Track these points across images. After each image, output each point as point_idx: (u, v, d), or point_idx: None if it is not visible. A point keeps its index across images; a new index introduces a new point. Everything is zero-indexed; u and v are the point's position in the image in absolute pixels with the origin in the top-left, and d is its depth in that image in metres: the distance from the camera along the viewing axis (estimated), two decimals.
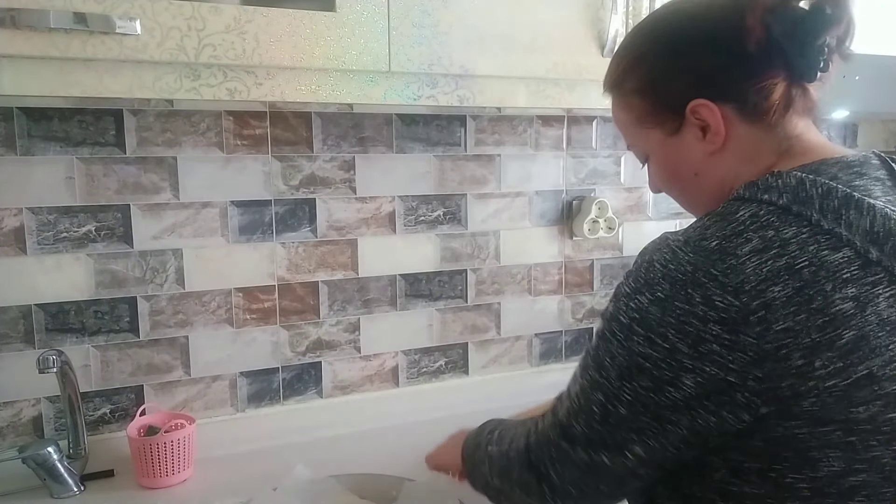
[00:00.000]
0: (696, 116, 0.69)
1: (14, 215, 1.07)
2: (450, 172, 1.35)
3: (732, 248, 0.59)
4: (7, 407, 1.10)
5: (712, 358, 0.58)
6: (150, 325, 1.17)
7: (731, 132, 0.69)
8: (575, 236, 1.47)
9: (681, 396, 0.59)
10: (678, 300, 0.59)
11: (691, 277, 0.59)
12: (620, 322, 0.63)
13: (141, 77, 0.86)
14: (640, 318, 0.61)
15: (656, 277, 0.61)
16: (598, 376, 0.65)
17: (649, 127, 0.74)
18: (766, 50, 0.65)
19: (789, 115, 0.68)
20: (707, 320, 0.58)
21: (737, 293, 0.57)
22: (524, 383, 1.45)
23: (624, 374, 0.62)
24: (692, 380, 0.59)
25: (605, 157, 1.48)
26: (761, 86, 0.67)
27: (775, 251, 0.58)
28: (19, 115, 1.06)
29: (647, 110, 0.73)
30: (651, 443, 0.62)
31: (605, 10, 1.06)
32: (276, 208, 1.23)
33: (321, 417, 1.28)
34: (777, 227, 0.59)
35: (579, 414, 0.66)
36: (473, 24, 0.99)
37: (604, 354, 0.64)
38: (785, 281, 0.57)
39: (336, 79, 0.96)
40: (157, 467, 1.06)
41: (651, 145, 0.75)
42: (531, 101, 1.09)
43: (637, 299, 0.62)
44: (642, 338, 0.61)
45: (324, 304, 1.28)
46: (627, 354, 0.62)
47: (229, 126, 1.18)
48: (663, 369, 0.60)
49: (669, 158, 0.74)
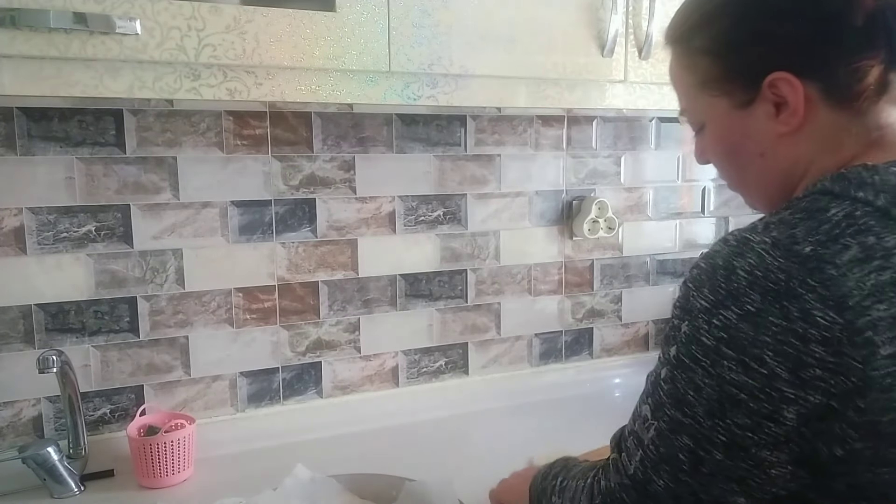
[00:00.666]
0: (773, 91, 0.60)
1: (14, 215, 1.07)
2: (450, 172, 1.35)
3: (830, 256, 0.51)
4: (7, 407, 1.10)
5: (816, 384, 0.50)
6: (150, 325, 1.17)
7: (811, 114, 0.60)
8: (575, 236, 1.47)
9: (782, 433, 0.51)
10: (773, 315, 0.50)
11: (786, 287, 0.50)
12: (704, 344, 0.53)
13: (141, 77, 0.86)
14: (728, 337, 0.52)
15: (742, 287, 0.52)
16: (680, 416, 0.54)
17: (714, 94, 0.64)
18: (871, 25, 0.57)
19: (882, 101, 0.60)
20: (808, 340, 0.49)
21: (840, 309, 0.49)
22: (524, 383, 1.45)
23: (715, 409, 0.52)
24: (794, 412, 0.50)
25: (605, 157, 1.48)
26: (856, 66, 0.58)
27: (878, 262, 0.51)
28: (19, 115, 1.06)
29: (715, 75, 0.64)
30: (755, 492, 0.53)
31: (605, 10, 1.06)
32: (276, 208, 1.23)
33: (321, 417, 1.28)
34: (878, 233, 0.52)
35: (660, 466, 0.55)
36: (473, 24, 0.99)
37: (685, 386, 0.54)
38: (890, 299, 0.50)
39: (336, 79, 0.96)
40: (157, 467, 1.06)
41: (712, 114, 0.66)
42: (531, 101, 1.09)
43: (722, 315, 0.52)
44: (734, 362, 0.51)
45: (324, 304, 1.29)
46: (717, 385, 0.52)
47: (229, 126, 1.18)
48: (762, 401, 0.51)
49: (732, 133, 0.65)
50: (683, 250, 1.59)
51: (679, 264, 1.58)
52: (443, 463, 1.12)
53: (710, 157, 0.70)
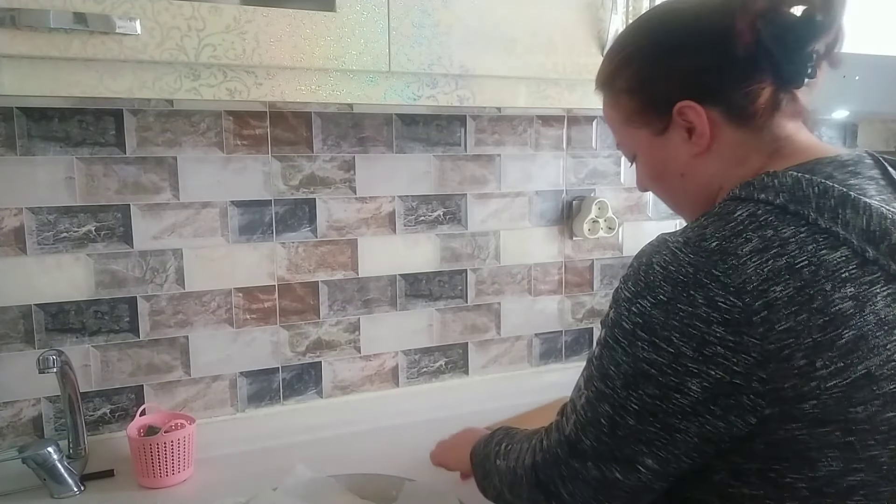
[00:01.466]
0: (682, 118, 0.69)
1: (14, 215, 1.07)
2: (450, 172, 1.35)
3: (733, 248, 0.58)
4: (7, 407, 1.10)
5: (717, 361, 0.57)
6: (150, 325, 1.17)
7: (717, 134, 0.69)
8: (575, 236, 1.47)
9: (688, 402, 0.58)
10: (681, 302, 0.58)
11: (693, 279, 0.58)
12: (623, 328, 0.62)
13: (141, 77, 0.86)
14: (643, 322, 0.60)
15: (657, 280, 0.60)
16: (603, 386, 0.63)
17: (637, 126, 0.74)
18: (755, 54, 0.65)
19: (777, 117, 0.68)
20: (710, 322, 0.57)
21: (739, 293, 0.56)
22: (524, 383, 1.45)
23: (630, 382, 0.61)
24: (698, 384, 0.58)
25: (605, 157, 1.48)
26: (748, 90, 0.67)
27: (775, 250, 0.58)
28: (19, 115, 1.06)
29: (635, 109, 0.73)
30: (662, 454, 0.61)
31: (605, 10, 1.06)
32: (276, 208, 1.23)
33: (321, 417, 1.28)
34: (776, 227, 0.59)
35: (587, 427, 0.64)
36: (473, 24, 0.99)
37: (608, 363, 0.63)
38: (786, 280, 0.56)
39: (336, 79, 0.96)
40: (157, 467, 1.06)
41: (638, 144, 0.75)
42: (531, 101, 1.09)
43: (639, 303, 0.61)
44: (647, 343, 0.60)
45: (324, 304, 1.29)
46: (632, 361, 0.61)
47: (229, 126, 1.18)
48: (669, 375, 0.59)
49: (656, 158, 0.74)
50: None
51: None
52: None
53: (645, 183, 0.79)
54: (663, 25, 0.72)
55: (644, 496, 0.64)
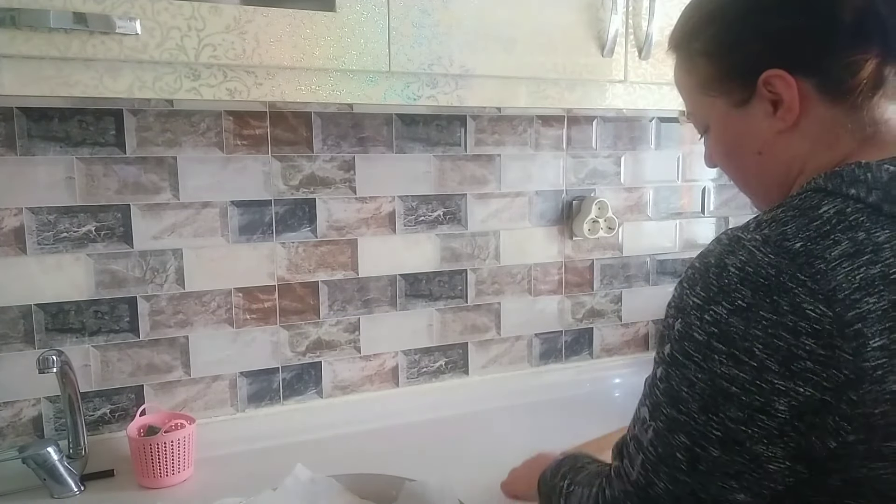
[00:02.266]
0: (768, 89, 0.61)
1: (14, 215, 1.07)
2: (450, 172, 1.35)
3: (820, 251, 0.51)
4: (7, 407, 1.10)
5: (806, 377, 0.50)
6: (150, 325, 1.17)
7: (807, 110, 0.60)
8: (575, 236, 1.47)
9: (775, 425, 0.51)
10: (763, 309, 0.51)
11: (776, 282, 0.51)
12: (696, 340, 0.54)
13: (141, 77, 0.86)
14: (719, 332, 0.52)
15: (733, 283, 0.53)
16: (675, 413, 0.54)
17: (714, 95, 0.66)
18: (863, 20, 0.57)
19: (877, 97, 0.60)
20: (798, 333, 0.50)
21: (829, 302, 0.50)
22: (524, 383, 1.45)
23: (709, 404, 0.53)
24: (786, 404, 0.51)
25: (605, 157, 1.48)
26: (850, 61, 0.58)
27: (868, 256, 0.51)
28: (19, 115, 1.06)
29: (713, 76, 0.65)
30: (753, 487, 0.53)
31: (605, 10, 1.06)
32: (276, 208, 1.23)
33: (321, 417, 1.28)
34: (868, 229, 0.52)
35: (659, 467, 0.55)
36: (473, 24, 0.99)
37: (679, 384, 0.54)
38: (880, 292, 0.50)
39: (336, 79, 0.96)
40: (157, 467, 1.06)
41: (713, 115, 0.67)
42: (531, 101, 1.09)
43: (713, 310, 0.53)
44: (725, 356, 0.52)
45: (324, 304, 1.29)
46: (709, 379, 0.53)
47: (229, 126, 1.18)
48: (753, 393, 0.51)
49: (732, 132, 0.66)
50: (683, 250, 1.59)
51: (679, 264, 1.58)
52: (443, 463, 1.12)
53: (715, 159, 0.71)
54: None
55: None
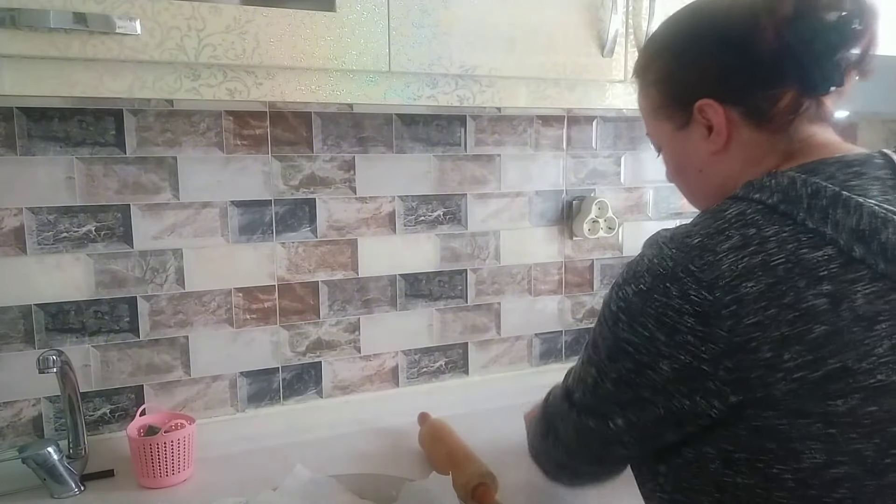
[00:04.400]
0: (701, 115, 0.71)
1: (14, 215, 1.07)
2: (450, 172, 1.35)
3: (713, 245, 0.62)
4: (7, 407, 1.10)
5: (686, 347, 0.61)
6: (150, 325, 1.17)
7: (735, 134, 0.70)
8: (575, 236, 1.47)
9: (659, 379, 0.64)
10: (657, 293, 0.63)
11: (671, 272, 0.63)
12: (610, 309, 0.68)
13: (141, 77, 0.86)
14: (625, 307, 0.66)
15: (641, 271, 0.65)
16: (593, 353, 0.71)
17: (662, 119, 0.76)
18: (779, 58, 0.66)
19: (798, 121, 0.69)
20: (682, 312, 0.61)
21: (711, 288, 0.60)
22: (524, 383, 1.45)
23: (612, 355, 0.67)
24: (668, 365, 0.63)
25: (605, 157, 1.48)
26: (771, 93, 0.68)
27: (753, 248, 0.60)
28: (19, 115, 1.06)
29: (660, 102, 0.75)
30: (631, 417, 0.67)
31: (605, 10, 1.06)
32: (276, 208, 1.23)
33: (321, 417, 1.28)
34: (760, 225, 0.61)
35: (579, 383, 0.73)
36: (473, 24, 0.99)
37: (597, 335, 0.70)
38: (758, 277, 0.59)
39: (336, 79, 0.96)
40: (157, 467, 1.06)
41: (663, 137, 0.78)
42: (531, 101, 1.09)
43: (624, 289, 0.67)
44: (626, 325, 0.66)
45: (324, 304, 1.29)
46: (614, 338, 0.67)
47: (229, 126, 1.18)
48: (643, 354, 0.64)
49: (677, 152, 0.77)
50: None
51: None
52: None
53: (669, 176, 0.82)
54: (692, 22, 0.73)
55: (614, 446, 0.71)
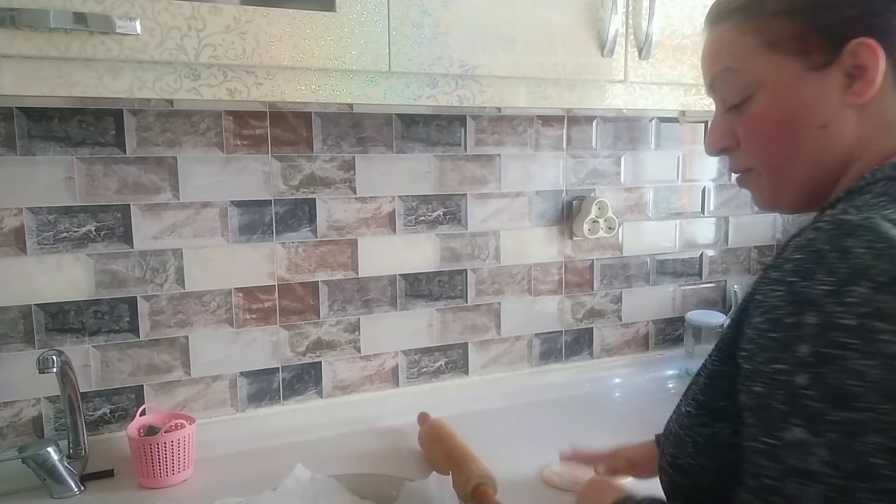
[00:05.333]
0: (853, 58, 0.57)
1: (14, 215, 1.07)
2: (450, 172, 1.35)
3: None
4: (7, 407, 1.10)
5: None
6: (150, 325, 1.17)
7: (883, 91, 0.57)
8: (575, 236, 1.47)
9: None
10: None
11: None
12: (846, 326, 0.47)
13: (141, 77, 0.86)
14: (873, 311, 0.46)
15: (866, 261, 0.47)
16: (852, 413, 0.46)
17: (786, 55, 0.59)
18: None
19: None
20: None
21: None
22: (524, 383, 1.45)
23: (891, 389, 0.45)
24: None
25: (605, 157, 1.48)
26: None
27: None
28: (19, 115, 1.06)
29: (792, 34, 0.59)
30: None
31: (605, 10, 1.06)
32: (276, 208, 1.23)
33: (321, 417, 1.28)
34: None
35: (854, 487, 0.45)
36: (473, 24, 0.99)
37: (842, 379, 0.46)
38: None
39: (336, 79, 0.96)
40: (157, 467, 1.06)
41: (775, 78, 0.60)
42: (531, 101, 1.09)
43: (854, 290, 0.47)
44: (891, 333, 0.46)
45: (324, 304, 1.29)
46: (881, 362, 0.46)
47: (229, 126, 1.18)
48: None
49: (797, 99, 0.59)
50: (683, 250, 1.59)
51: (679, 264, 1.58)
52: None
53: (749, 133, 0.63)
54: None
55: None
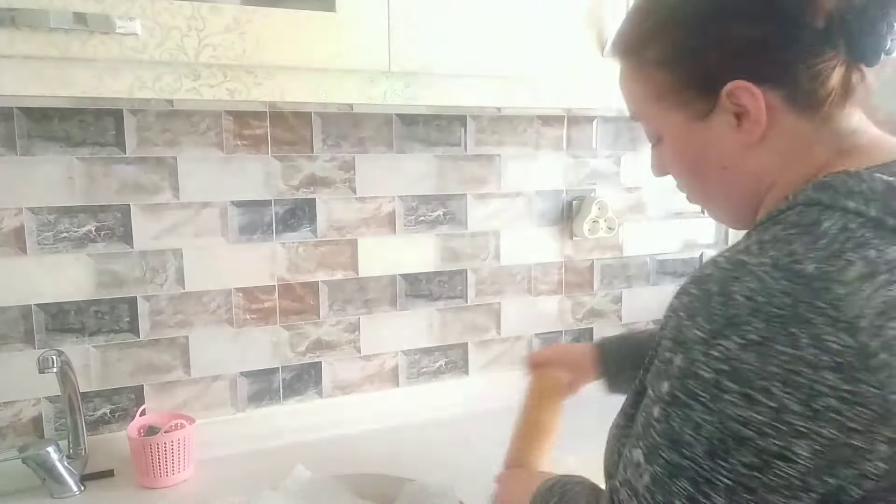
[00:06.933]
0: (732, 101, 0.57)
1: (14, 215, 1.07)
2: (450, 172, 1.35)
3: (836, 274, 0.47)
4: (7, 407, 1.10)
5: (829, 416, 0.45)
6: (150, 325, 1.17)
7: (775, 122, 0.57)
8: (575, 236, 1.47)
9: (795, 473, 0.46)
10: (779, 343, 0.46)
11: (792, 312, 0.46)
12: (702, 378, 0.48)
13: (141, 77, 0.86)
14: (730, 369, 0.47)
15: (743, 314, 0.48)
16: (678, 457, 0.49)
17: (670, 108, 0.61)
18: (831, 24, 0.54)
19: (847, 105, 0.57)
20: (819, 367, 0.45)
21: (852, 331, 0.45)
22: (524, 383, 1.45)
23: (717, 449, 0.47)
24: (808, 448, 0.46)
25: (605, 157, 1.48)
26: (818, 68, 0.55)
27: (884, 277, 0.47)
28: (19, 115, 1.06)
29: (670, 87, 0.60)
30: None
31: (605, 10, 1.06)
32: (276, 208, 1.23)
33: (321, 417, 1.28)
34: (877, 247, 0.48)
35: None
36: (473, 24, 0.99)
37: (682, 425, 0.49)
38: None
39: (336, 79, 0.96)
40: (157, 467, 1.06)
41: (669, 127, 0.63)
42: (531, 101, 1.09)
43: (721, 345, 0.48)
44: (737, 395, 0.47)
45: (324, 304, 1.29)
46: (719, 421, 0.47)
47: (229, 126, 1.18)
48: (770, 437, 0.46)
49: (692, 146, 0.62)
50: (683, 250, 1.59)
51: (679, 264, 1.58)
52: (443, 463, 1.12)
53: (669, 171, 0.67)
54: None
55: None
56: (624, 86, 0.67)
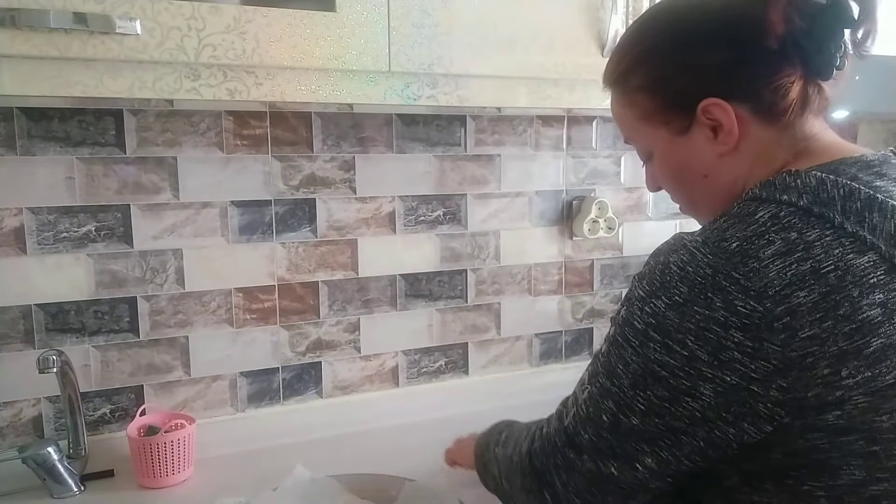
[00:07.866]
0: (707, 116, 0.66)
1: (14, 215, 1.07)
2: (450, 172, 1.35)
3: (754, 251, 0.56)
4: (7, 407, 1.10)
5: (733, 366, 0.55)
6: (150, 325, 1.17)
7: (745, 132, 0.66)
8: (575, 236, 1.47)
9: (698, 407, 0.57)
10: (697, 305, 0.56)
11: (711, 280, 0.56)
12: (635, 327, 0.60)
13: (141, 77, 0.86)
14: (656, 323, 0.58)
15: (673, 280, 0.58)
16: (609, 384, 0.61)
17: (655, 126, 0.70)
18: (784, 45, 0.63)
19: (805, 114, 0.66)
20: (728, 326, 0.55)
21: (760, 298, 0.54)
22: (524, 383, 1.45)
23: (638, 382, 0.59)
24: (711, 389, 0.56)
25: (605, 157, 1.48)
26: (778, 84, 0.64)
27: (799, 254, 0.55)
28: (19, 115, 1.06)
29: (653, 108, 0.70)
30: (664, 454, 0.59)
31: (605, 10, 1.06)
32: (276, 208, 1.23)
33: (321, 417, 1.28)
34: (800, 230, 0.57)
35: (587, 422, 0.63)
36: (473, 24, 0.99)
37: (616, 361, 0.61)
38: (811, 286, 0.54)
39: (336, 79, 0.96)
40: (157, 467, 1.06)
41: (656, 144, 0.72)
42: (531, 101, 1.09)
43: (653, 303, 0.59)
44: (659, 344, 0.58)
45: (324, 304, 1.29)
46: (642, 361, 0.59)
47: (229, 126, 1.18)
48: (680, 378, 0.57)
49: (677, 158, 0.71)
50: None
51: None
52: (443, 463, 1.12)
53: (661, 184, 0.76)
54: (684, 18, 0.68)
55: (640, 494, 0.62)
56: (615, 111, 0.76)
